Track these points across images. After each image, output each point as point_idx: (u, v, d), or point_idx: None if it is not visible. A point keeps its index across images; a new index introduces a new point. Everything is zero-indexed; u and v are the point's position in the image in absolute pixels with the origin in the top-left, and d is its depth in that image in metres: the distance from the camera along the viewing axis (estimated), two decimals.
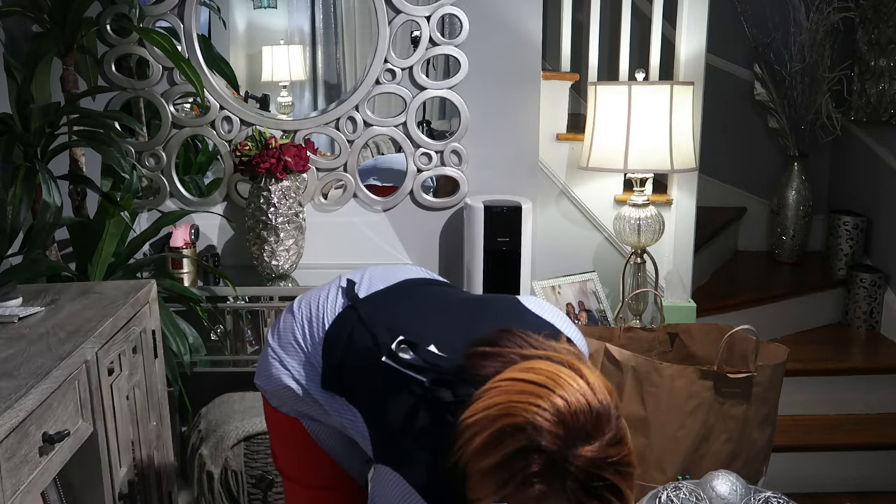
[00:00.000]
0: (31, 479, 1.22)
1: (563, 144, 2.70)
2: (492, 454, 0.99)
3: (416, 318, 1.27)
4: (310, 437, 1.40)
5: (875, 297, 3.18)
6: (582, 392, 1.00)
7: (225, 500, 2.21)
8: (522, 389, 1.00)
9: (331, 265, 2.60)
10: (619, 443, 1.00)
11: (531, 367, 1.03)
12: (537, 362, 1.04)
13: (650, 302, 2.62)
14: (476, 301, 1.36)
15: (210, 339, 2.38)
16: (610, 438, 0.99)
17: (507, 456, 0.98)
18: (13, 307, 1.58)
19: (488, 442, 1.00)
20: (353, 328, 1.29)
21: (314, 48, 3.01)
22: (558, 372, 1.02)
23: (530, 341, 1.11)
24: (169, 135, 2.51)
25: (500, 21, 2.51)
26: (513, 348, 1.09)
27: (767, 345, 2.08)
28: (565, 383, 1.00)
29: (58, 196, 1.85)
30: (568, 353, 1.08)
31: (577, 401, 0.99)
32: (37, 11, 2.07)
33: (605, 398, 1.01)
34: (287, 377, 1.36)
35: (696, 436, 1.90)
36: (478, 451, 1.00)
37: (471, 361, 1.11)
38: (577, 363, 1.05)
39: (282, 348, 1.38)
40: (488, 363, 1.08)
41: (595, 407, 0.99)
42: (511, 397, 1.00)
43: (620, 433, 1.01)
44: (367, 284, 1.38)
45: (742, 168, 3.82)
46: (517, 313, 1.28)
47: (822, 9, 3.36)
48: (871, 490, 2.66)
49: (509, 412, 0.99)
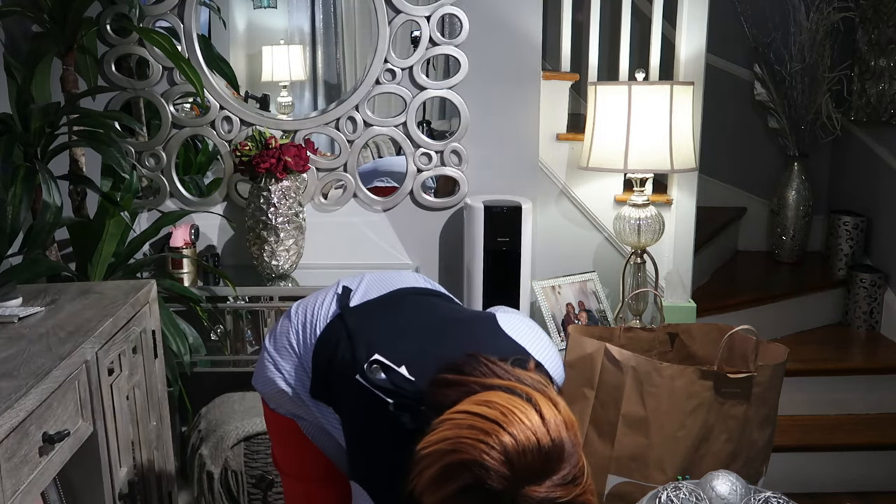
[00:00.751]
0: (31, 479, 1.22)
1: (563, 144, 2.70)
2: (440, 490, 0.99)
3: (394, 335, 1.28)
4: (305, 436, 1.42)
5: (875, 297, 3.18)
6: (533, 430, 0.98)
7: (225, 500, 2.21)
8: (473, 424, 0.99)
9: (331, 265, 2.60)
10: (572, 482, 0.98)
11: (486, 401, 1.02)
12: (494, 394, 1.03)
13: (650, 302, 2.62)
14: (455, 320, 1.36)
15: (210, 339, 2.38)
16: (561, 478, 0.97)
17: (454, 492, 0.98)
18: (13, 307, 1.58)
19: (437, 477, 0.99)
20: (338, 339, 1.31)
21: (314, 48, 3.01)
22: (512, 407, 1.00)
23: (495, 369, 1.10)
24: (169, 135, 2.51)
25: (500, 21, 2.51)
26: (476, 377, 1.09)
27: (767, 345, 2.08)
28: (516, 420, 0.98)
29: (58, 196, 1.85)
30: (532, 382, 1.07)
31: (526, 439, 0.97)
32: (37, 11, 2.07)
33: (559, 435, 0.99)
34: (280, 381, 1.38)
35: (696, 436, 1.90)
36: (428, 485, 1.00)
37: (433, 389, 1.11)
38: (537, 395, 1.03)
39: (277, 351, 1.40)
40: (449, 392, 1.08)
41: (545, 445, 0.97)
42: (461, 432, 0.99)
43: (576, 472, 0.99)
44: (362, 291, 1.40)
45: (742, 168, 3.82)
46: (491, 336, 1.27)
47: (822, 9, 3.36)
48: (871, 490, 2.66)
49: (458, 448, 0.98)
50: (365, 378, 1.19)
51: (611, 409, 1.93)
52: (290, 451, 1.47)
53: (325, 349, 1.32)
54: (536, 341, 1.29)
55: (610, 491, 1.93)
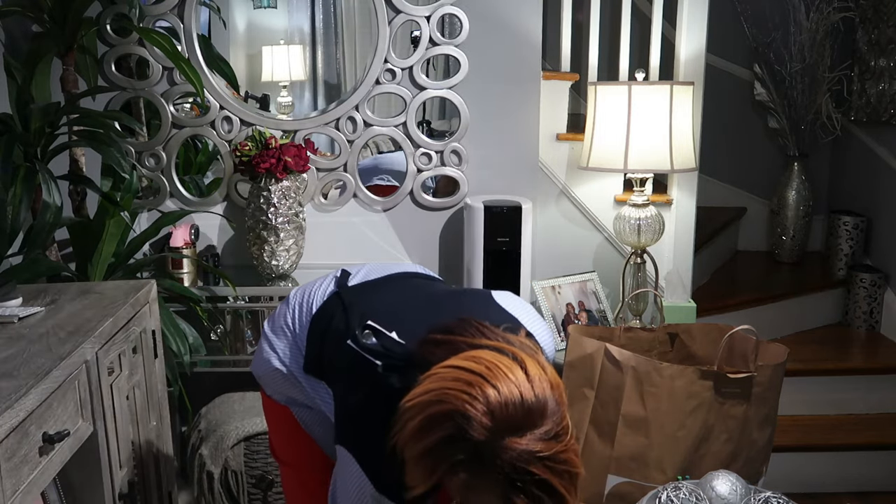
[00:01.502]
0: (31, 479, 1.22)
1: (563, 144, 2.70)
2: (422, 440, 1.00)
3: (389, 307, 1.31)
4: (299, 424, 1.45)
5: (875, 297, 3.18)
6: (517, 384, 0.99)
7: (225, 500, 2.21)
8: (458, 377, 1.01)
9: (331, 265, 2.59)
10: (554, 438, 0.99)
11: (473, 356, 1.03)
12: (482, 352, 1.05)
13: (650, 302, 2.62)
14: (450, 293, 1.40)
15: (210, 339, 2.38)
16: (543, 433, 0.98)
17: (435, 442, 0.99)
18: (13, 307, 1.58)
19: (420, 427, 1.00)
20: (334, 313, 1.33)
21: (314, 48, 3.01)
22: (498, 362, 1.01)
23: (485, 332, 1.11)
24: (169, 135, 2.51)
25: (500, 21, 2.51)
26: (465, 337, 1.10)
27: (767, 345, 2.08)
28: (501, 374, 1.00)
29: (58, 196, 1.85)
30: (520, 345, 1.08)
31: (509, 392, 0.98)
32: (37, 11, 2.07)
33: (543, 392, 1.00)
34: (275, 359, 1.42)
35: (696, 436, 1.90)
36: (410, 437, 1.01)
37: (422, 348, 1.13)
38: (524, 355, 1.04)
39: (273, 332, 1.44)
40: (437, 350, 1.09)
41: (528, 400, 0.99)
42: (445, 384, 1.01)
43: (558, 429, 1.00)
44: (362, 275, 1.44)
45: (742, 168, 3.82)
46: (483, 306, 1.30)
47: (822, 9, 3.36)
48: (871, 490, 2.66)
49: (441, 399, 0.99)
50: (356, 342, 1.22)
51: (611, 409, 1.93)
52: (285, 439, 1.50)
53: (321, 323, 1.35)
54: (529, 316, 1.32)
55: (610, 491, 1.93)
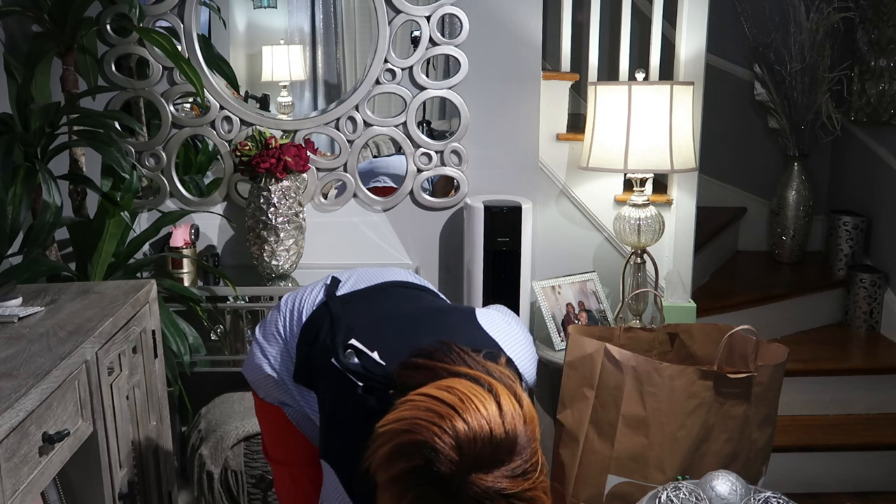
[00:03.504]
0: (30, 479, 1.22)
1: (563, 144, 2.70)
2: (391, 468, 1.00)
3: (373, 322, 1.32)
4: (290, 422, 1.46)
5: (875, 298, 3.18)
6: (488, 419, 0.98)
7: (225, 500, 2.21)
8: (430, 407, 1.00)
9: (331, 265, 2.60)
10: (521, 476, 0.98)
11: (448, 386, 1.03)
12: (458, 381, 1.04)
13: (650, 302, 2.62)
14: (435, 310, 1.40)
15: (210, 339, 2.38)
16: (510, 470, 0.98)
17: (403, 472, 0.99)
18: (13, 307, 1.58)
19: (390, 455, 1.00)
20: (321, 325, 1.34)
21: (314, 48, 3.00)
22: (471, 394, 1.00)
23: (465, 358, 1.10)
24: (169, 135, 2.51)
25: (500, 21, 2.51)
26: (445, 363, 1.09)
27: (767, 345, 2.08)
28: (473, 408, 0.99)
29: (58, 196, 1.85)
30: (499, 375, 1.08)
31: (479, 427, 0.97)
32: (37, 11, 2.07)
33: (514, 428, 0.99)
34: (266, 366, 1.43)
35: (696, 436, 1.90)
36: (380, 463, 1.01)
37: (402, 371, 1.13)
38: (500, 387, 1.03)
39: (265, 338, 1.45)
40: (416, 374, 1.09)
41: (497, 436, 0.98)
42: (417, 413, 1.00)
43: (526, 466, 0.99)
44: (351, 283, 1.44)
45: (742, 168, 3.82)
46: (466, 327, 1.30)
47: (822, 9, 3.36)
48: (871, 490, 2.66)
49: (411, 429, 0.99)
50: (339, 362, 1.23)
51: (611, 409, 1.93)
52: (276, 437, 1.51)
53: (309, 334, 1.36)
54: (511, 338, 1.31)
55: (610, 491, 1.93)
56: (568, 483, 2.01)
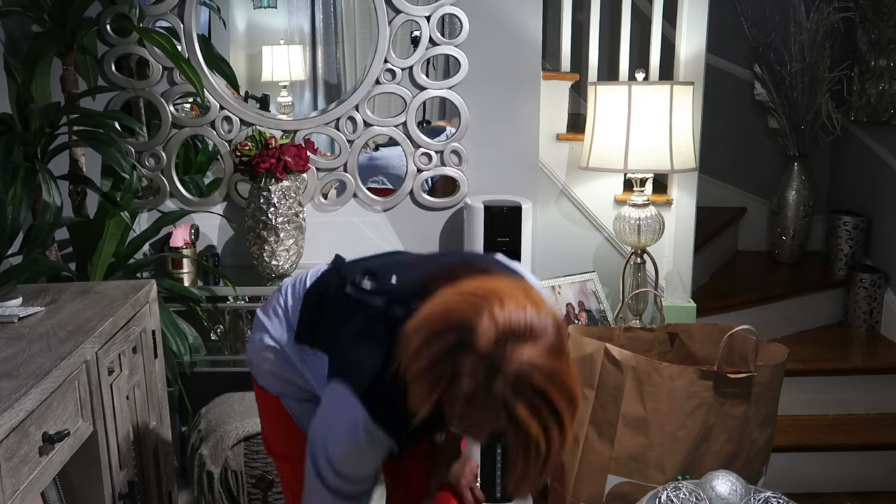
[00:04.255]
0: (30, 479, 1.22)
1: (563, 144, 2.70)
2: (427, 353, 1.01)
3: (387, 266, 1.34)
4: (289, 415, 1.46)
5: (875, 298, 3.18)
6: (522, 304, 1.01)
7: (225, 500, 2.21)
8: (462, 291, 1.03)
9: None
10: (555, 354, 1.00)
11: (477, 284, 1.06)
12: (486, 279, 1.07)
13: (650, 302, 2.62)
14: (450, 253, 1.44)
15: (210, 339, 2.38)
16: (546, 345, 1.00)
17: (439, 354, 1.00)
18: (13, 307, 1.58)
19: (424, 342, 1.01)
20: (330, 283, 1.35)
21: (314, 48, 3.01)
22: (503, 287, 1.04)
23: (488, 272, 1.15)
24: (169, 135, 2.51)
25: (500, 21, 2.51)
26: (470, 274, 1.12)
27: (767, 345, 2.08)
28: (506, 294, 1.02)
29: (58, 196, 1.85)
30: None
31: (514, 308, 1.00)
32: (37, 11, 2.07)
33: (548, 316, 1.02)
34: (267, 337, 1.43)
35: (696, 436, 1.90)
36: (415, 353, 1.02)
37: (426, 282, 1.15)
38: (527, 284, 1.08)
39: (264, 313, 1.46)
40: (441, 282, 1.11)
41: (531, 315, 1.00)
42: (449, 299, 1.03)
43: (559, 346, 1.01)
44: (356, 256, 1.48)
45: (742, 168, 3.82)
46: (484, 258, 1.35)
47: (822, 9, 3.36)
48: (871, 490, 2.66)
49: (446, 314, 1.01)
50: (354, 288, 1.25)
51: (611, 409, 1.93)
52: (278, 431, 1.51)
53: (316, 292, 1.37)
54: (529, 276, 1.37)
55: (610, 491, 1.93)
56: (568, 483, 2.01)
